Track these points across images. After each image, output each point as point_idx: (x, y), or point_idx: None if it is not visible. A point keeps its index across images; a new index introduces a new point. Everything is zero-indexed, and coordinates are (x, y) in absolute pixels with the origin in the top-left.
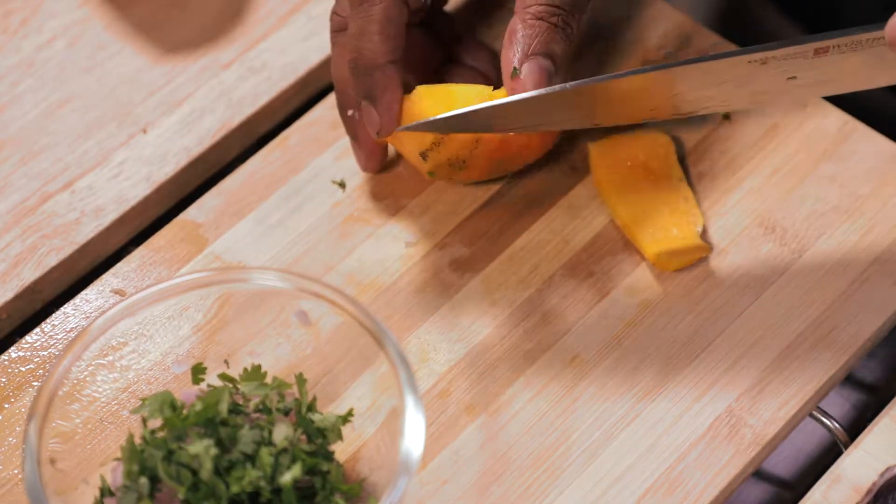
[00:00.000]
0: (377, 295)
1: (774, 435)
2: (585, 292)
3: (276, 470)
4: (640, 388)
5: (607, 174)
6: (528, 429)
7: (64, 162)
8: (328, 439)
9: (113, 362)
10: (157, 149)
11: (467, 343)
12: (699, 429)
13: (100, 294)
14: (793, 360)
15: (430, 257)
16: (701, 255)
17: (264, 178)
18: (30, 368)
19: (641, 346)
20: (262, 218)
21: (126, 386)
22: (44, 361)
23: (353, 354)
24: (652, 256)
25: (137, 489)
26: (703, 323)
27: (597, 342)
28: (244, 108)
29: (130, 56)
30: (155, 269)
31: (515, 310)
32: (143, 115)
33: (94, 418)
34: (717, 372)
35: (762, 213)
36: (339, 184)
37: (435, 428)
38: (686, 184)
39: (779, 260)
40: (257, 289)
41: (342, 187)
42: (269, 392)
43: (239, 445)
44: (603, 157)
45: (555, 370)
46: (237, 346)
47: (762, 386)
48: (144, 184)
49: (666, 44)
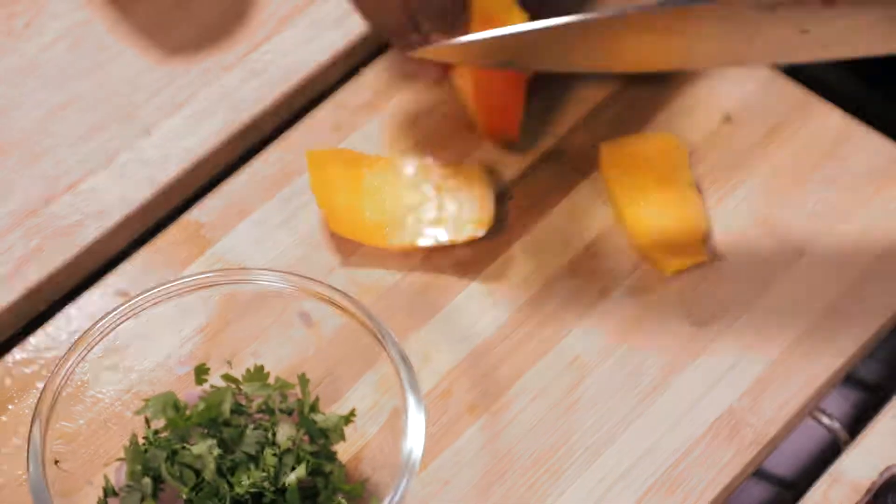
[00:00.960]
0: (379, 296)
1: (775, 434)
2: (587, 293)
3: (280, 471)
4: (642, 388)
5: (617, 174)
6: (530, 429)
7: (66, 164)
8: (330, 440)
9: (116, 363)
10: (159, 150)
11: (469, 343)
12: (700, 428)
13: (103, 295)
14: (794, 360)
15: (432, 258)
16: (702, 260)
17: (267, 179)
18: (34, 370)
19: (643, 347)
20: (264, 219)
21: (129, 387)
22: (48, 363)
23: (355, 355)
24: (653, 258)
25: (141, 489)
26: (704, 324)
27: (598, 343)
28: (246, 109)
29: (133, 58)
30: (158, 270)
31: (517, 310)
32: (146, 117)
33: (97, 419)
34: (719, 372)
35: (763, 214)
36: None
37: (437, 428)
38: (695, 189)
39: (780, 260)
40: (259, 290)
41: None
42: (272, 393)
43: (242, 446)
44: (613, 156)
45: (556, 371)
46: (240, 346)
47: (763, 386)
48: (147, 185)
49: None
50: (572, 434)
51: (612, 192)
